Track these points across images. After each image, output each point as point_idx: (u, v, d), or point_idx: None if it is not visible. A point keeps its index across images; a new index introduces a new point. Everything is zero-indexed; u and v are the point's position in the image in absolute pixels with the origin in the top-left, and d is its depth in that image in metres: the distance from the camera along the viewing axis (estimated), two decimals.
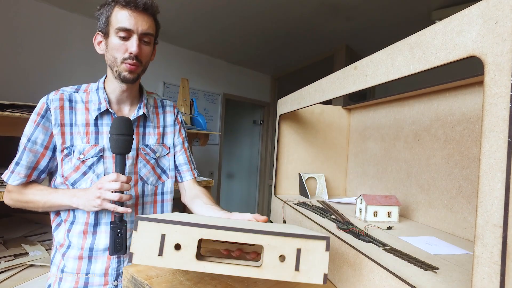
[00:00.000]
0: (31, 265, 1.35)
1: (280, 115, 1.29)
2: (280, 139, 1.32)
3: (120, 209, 0.81)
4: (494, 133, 0.35)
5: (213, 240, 0.57)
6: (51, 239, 1.57)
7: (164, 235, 0.49)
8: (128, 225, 0.90)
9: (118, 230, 0.83)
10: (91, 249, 0.89)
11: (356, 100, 3.64)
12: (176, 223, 0.49)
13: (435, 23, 0.45)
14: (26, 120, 0.99)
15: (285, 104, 1.21)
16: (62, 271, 0.89)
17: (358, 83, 0.65)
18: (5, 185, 1.32)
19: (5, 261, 1.32)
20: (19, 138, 0.90)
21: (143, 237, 0.49)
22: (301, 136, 1.34)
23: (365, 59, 0.63)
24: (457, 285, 0.48)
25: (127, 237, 0.87)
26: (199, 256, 0.50)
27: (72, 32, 2.59)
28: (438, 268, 0.54)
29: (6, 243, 1.48)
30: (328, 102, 1.04)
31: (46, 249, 1.47)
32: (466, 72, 0.75)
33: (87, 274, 0.89)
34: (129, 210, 0.83)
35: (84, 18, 2.65)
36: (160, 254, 0.49)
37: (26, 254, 1.41)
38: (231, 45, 3.46)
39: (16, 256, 1.38)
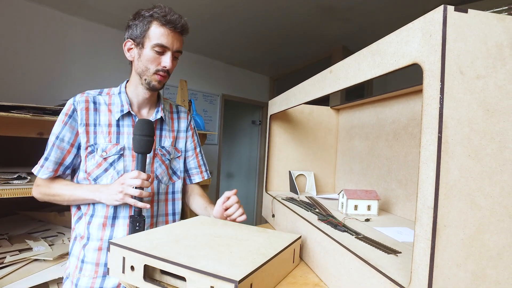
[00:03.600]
0: (35, 260, 1.42)
1: (271, 115, 1.35)
2: (271, 138, 1.38)
3: (139, 204, 0.88)
4: (429, 129, 0.41)
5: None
6: (54, 236, 1.65)
7: (124, 257, 0.62)
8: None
9: (137, 224, 0.89)
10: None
11: (354, 97, 3.66)
12: (130, 249, 0.62)
13: None
14: (30, 121, 1.06)
15: (275, 105, 1.27)
16: (82, 261, 0.96)
17: (333, 86, 0.72)
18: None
19: (11, 256, 1.39)
20: (23, 138, 0.97)
21: (113, 257, 0.64)
22: (292, 135, 1.41)
23: (338, 64, 0.69)
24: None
25: (144, 230, 0.95)
26: (146, 278, 0.61)
27: (73, 35, 2.66)
28: (400, 252, 0.60)
29: (11, 239, 1.55)
30: (326, 101, 1.08)
31: (49, 245, 1.54)
32: None
33: (105, 264, 0.94)
34: (148, 205, 0.90)
35: (85, 21, 2.72)
36: (123, 272, 0.63)
37: (30, 249, 1.47)
38: (230, 47, 3.52)
39: (20, 251, 1.44)
